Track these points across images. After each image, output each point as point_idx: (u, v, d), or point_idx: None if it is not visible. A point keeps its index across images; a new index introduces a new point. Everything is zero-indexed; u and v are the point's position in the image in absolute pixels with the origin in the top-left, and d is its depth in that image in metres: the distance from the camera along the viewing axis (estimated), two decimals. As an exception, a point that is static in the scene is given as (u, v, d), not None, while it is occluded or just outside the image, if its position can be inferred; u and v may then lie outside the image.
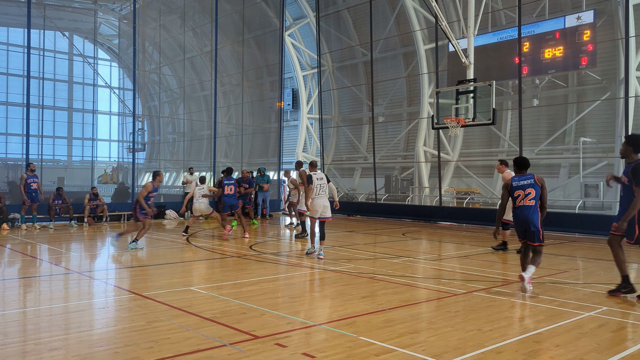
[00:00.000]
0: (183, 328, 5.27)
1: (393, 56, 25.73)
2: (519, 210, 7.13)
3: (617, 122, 17.77)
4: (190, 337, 4.99)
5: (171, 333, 5.10)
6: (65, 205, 16.44)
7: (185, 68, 31.14)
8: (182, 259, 10.21)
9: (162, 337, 4.98)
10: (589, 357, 4.53)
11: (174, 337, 4.96)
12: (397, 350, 4.63)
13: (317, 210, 10.14)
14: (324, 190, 10.19)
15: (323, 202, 10.13)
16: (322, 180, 10.23)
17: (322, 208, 10.12)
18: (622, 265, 6.88)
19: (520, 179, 7.20)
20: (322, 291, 7.34)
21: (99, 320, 5.82)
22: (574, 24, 18.00)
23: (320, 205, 10.11)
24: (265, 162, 26.25)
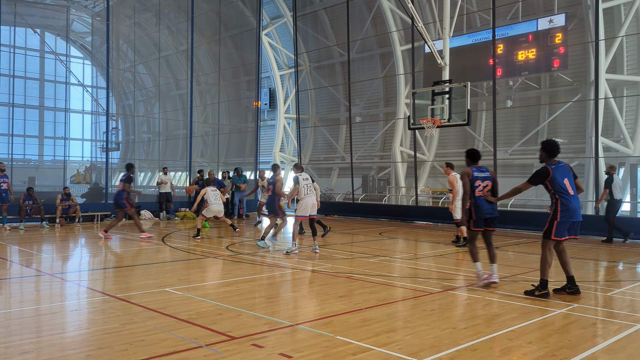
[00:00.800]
0: (158, 330, 5.21)
1: (370, 57, 25.86)
2: (480, 199, 7.46)
3: (587, 124, 18.17)
4: (166, 338, 4.93)
5: (146, 335, 5.03)
6: (36, 206, 16.10)
7: (161, 66, 30.79)
8: (157, 259, 10.09)
9: (136, 339, 4.91)
10: (560, 354, 4.62)
11: (148, 339, 4.90)
12: (373, 349, 4.66)
13: (307, 209, 10.67)
14: (310, 189, 10.78)
15: (312, 201, 10.71)
16: (307, 180, 10.84)
17: (310, 207, 10.69)
18: (546, 269, 6.93)
19: (479, 171, 7.63)
20: (300, 291, 7.34)
21: (72, 322, 5.71)
22: (546, 26, 18.36)
23: (309, 204, 10.66)
24: (242, 162, 26.11)
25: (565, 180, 6.83)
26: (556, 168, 6.87)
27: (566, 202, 6.76)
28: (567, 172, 6.93)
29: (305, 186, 10.69)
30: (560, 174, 6.84)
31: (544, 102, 20.52)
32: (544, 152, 7.05)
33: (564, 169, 6.92)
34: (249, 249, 11.56)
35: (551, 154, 7.00)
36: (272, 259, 10.15)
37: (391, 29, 23.14)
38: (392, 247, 12.22)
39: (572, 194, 6.83)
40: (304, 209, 10.64)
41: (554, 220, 6.79)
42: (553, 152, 6.99)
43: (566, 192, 6.78)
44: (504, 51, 19.38)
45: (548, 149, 7.02)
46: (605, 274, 9.12)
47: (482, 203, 7.40)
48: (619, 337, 5.14)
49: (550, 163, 6.95)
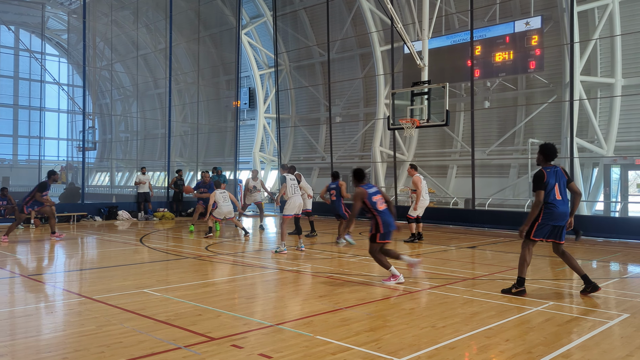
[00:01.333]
0: (136, 331, 5.15)
1: (350, 57, 25.93)
2: (382, 214, 8.08)
3: (563, 124, 18.51)
4: (144, 340, 4.88)
5: (123, 337, 4.97)
6: (10, 207, 15.79)
7: (139, 65, 30.44)
8: (135, 260, 9.98)
9: (113, 341, 4.85)
10: (536, 351, 4.70)
11: (126, 341, 4.84)
12: (353, 349, 4.68)
13: (294, 208, 10.93)
14: (297, 189, 11.07)
15: (299, 200, 10.98)
16: (294, 180, 11.14)
17: (297, 206, 10.94)
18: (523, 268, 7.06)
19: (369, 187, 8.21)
20: (280, 291, 7.33)
21: (47, 325, 5.61)
22: (523, 29, 18.64)
23: (297, 203, 10.93)
24: (221, 162, 25.97)
25: (556, 186, 6.94)
26: (550, 172, 6.98)
27: (552, 206, 6.87)
28: (560, 176, 7.03)
29: (292, 186, 10.91)
30: (552, 178, 6.95)
31: (520, 103, 20.83)
32: (542, 155, 7.15)
33: (558, 174, 7.03)
34: (229, 250, 11.50)
35: (548, 158, 7.09)
36: (252, 259, 10.11)
37: (371, 30, 23.24)
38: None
39: (560, 199, 6.91)
40: (291, 208, 10.88)
41: (535, 221, 6.92)
42: (550, 156, 7.09)
43: (554, 197, 6.89)
44: (482, 53, 19.62)
45: (546, 152, 7.11)
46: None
47: (387, 217, 7.77)
48: (593, 334, 5.25)
49: (545, 167, 7.06)
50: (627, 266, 9.81)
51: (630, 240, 13.39)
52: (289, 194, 10.86)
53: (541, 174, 6.95)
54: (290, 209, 10.90)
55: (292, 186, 10.94)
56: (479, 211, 17.84)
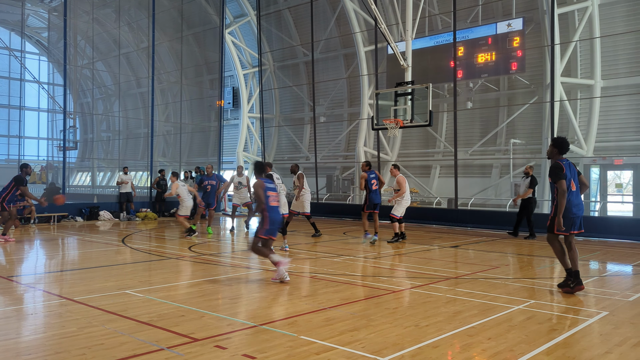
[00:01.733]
0: (118, 333, 5.10)
1: (334, 57, 25.96)
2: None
3: (544, 125, 18.74)
4: (126, 342, 4.83)
5: (105, 339, 4.92)
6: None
7: (121, 64, 30.10)
8: (117, 261, 9.88)
9: (95, 343, 4.80)
10: (518, 348, 4.76)
11: (108, 343, 4.79)
12: (337, 348, 4.69)
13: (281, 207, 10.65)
14: (281, 188, 11.19)
15: (283, 199, 11.08)
16: (279, 179, 11.31)
17: (283, 205, 10.98)
18: (563, 259, 7.28)
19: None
20: (263, 291, 7.31)
21: (27, 327, 5.52)
22: (505, 30, 18.83)
23: (282, 203, 10.83)
24: (204, 162, 25.79)
25: (570, 177, 7.09)
26: (566, 164, 7.11)
27: (574, 197, 7.04)
28: (573, 169, 7.21)
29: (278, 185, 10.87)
30: (568, 170, 7.08)
31: (502, 104, 21.05)
32: (555, 148, 7.23)
33: (571, 167, 7.20)
34: (212, 250, 11.44)
35: (561, 151, 7.21)
36: (237, 259, 10.07)
37: (355, 30, 23.29)
38: (356, 247, 12.31)
39: (574, 191, 7.09)
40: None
41: (555, 217, 7.06)
42: (563, 148, 7.20)
43: (569, 189, 7.04)
44: (465, 54, 19.78)
45: (559, 145, 7.21)
46: (560, 271, 9.42)
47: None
48: (573, 332, 5.33)
49: (560, 159, 7.15)
50: (606, 265, 9.98)
51: (609, 239, 13.61)
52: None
53: (559, 165, 7.04)
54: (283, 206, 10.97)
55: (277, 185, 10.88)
56: (461, 211, 17.99)
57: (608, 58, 18.29)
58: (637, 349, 4.80)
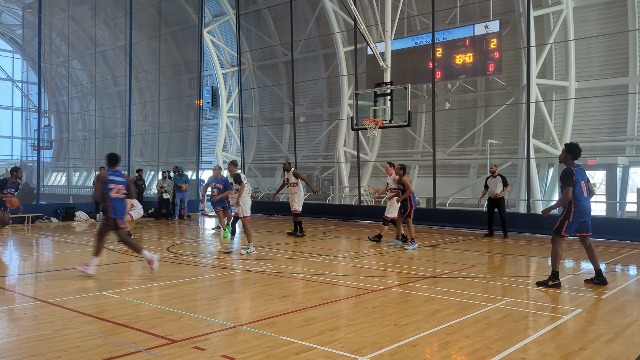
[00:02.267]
0: (94, 335, 5.02)
1: (313, 57, 25.97)
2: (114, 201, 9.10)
3: (520, 126, 19.02)
4: (102, 344, 4.77)
5: (81, 341, 4.85)
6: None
7: (97, 62, 29.67)
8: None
9: (70, 345, 4.72)
10: (494, 346, 4.82)
11: (84, 345, 4.72)
12: (317, 348, 4.69)
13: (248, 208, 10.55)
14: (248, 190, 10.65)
15: (249, 202, 10.64)
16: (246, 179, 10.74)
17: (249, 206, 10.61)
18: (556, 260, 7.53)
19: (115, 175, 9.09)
20: (242, 292, 7.28)
21: (0, 330, 5.41)
22: (482, 32, 19.06)
23: (249, 203, 10.60)
24: (183, 162, 25.59)
25: (582, 183, 7.29)
26: (578, 170, 7.28)
27: (579, 203, 7.25)
28: (584, 174, 7.39)
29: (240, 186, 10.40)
30: (579, 176, 7.27)
31: (480, 104, 21.31)
32: (569, 154, 7.39)
33: (582, 172, 7.39)
34: (191, 250, 11.35)
35: (574, 157, 7.37)
36: (216, 260, 10.00)
37: (334, 30, 23.34)
38: (336, 247, 12.34)
39: (586, 196, 7.32)
40: (247, 209, 10.45)
41: (565, 220, 7.30)
42: (576, 154, 7.36)
43: (581, 194, 7.24)
44: (443, 55, 19.97)
45: (572, 151, 7.38)
46: (536, 269, 9.59)
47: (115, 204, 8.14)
48: (548, 329, 5.42)
49: (572, 165, 7.32)
50: (580, 263, 10.17)
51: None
52: (244, 193, 10.31)
53: (571, 171, 7.21)
54: (246, 209, 10.37)
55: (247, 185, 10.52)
56: (439, 210, 18.16)
57: (582, 60, 18.66)
58: (610, 345, 4.91)
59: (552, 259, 7.51)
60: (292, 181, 13.59)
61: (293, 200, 13.70)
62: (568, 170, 7.26)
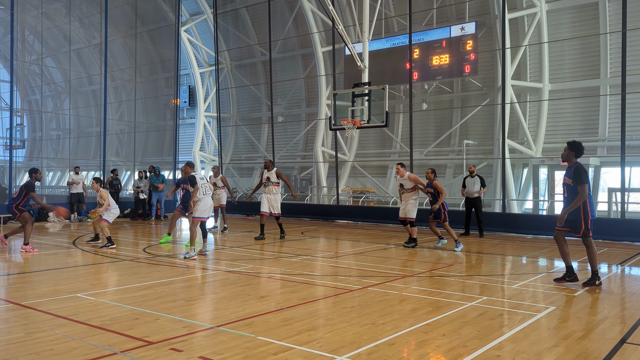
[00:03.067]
0: (68, 338, 4.94)
1: (292, 57, 25.95)
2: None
3: (495, 126, 19.30)
4: (77, 347, 4.69)
5: (55, 344, 4.77)
6: None
7: (71, 60, 29.16)
8: (68, 264, 9.57)
9: (44, 348, 4.64)
10: (471, 344, 4.89)
11: (58, 348, 4.65)
12: (295, 348, 4.70)
13: (208, 209, 10.38)
14: (207, 189, 10.38)
15: (210, 201, 10.43)
16: (203, 180, 10.36)
17: (209, 207, 10.41)
18: (566, 257, 7.62)
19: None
20: (220, 293, 7.24)
21: (-30, 334, 5.29)
22: (459, 33, 19.30)
23: (209, 204, 10.38)
24: (159, 162, 25.32)
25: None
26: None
27: (591, 199, 7.28)
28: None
29: (202, 186, 10.22)
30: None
31: (456, 105, 21.56)
32: (572, 151, 7.40)
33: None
34: (167, 251, 11.24)
35: (578, 154, 7.39)
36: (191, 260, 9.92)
37: (312, 30, 23.35)
38: (314, 246, 12.35)
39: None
40: (206, 209, 10.30)
41: (587, 219, 7.27)
42: (580, 152, 7.38)
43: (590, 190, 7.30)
44: (420, 56, 20.15)
45: (577, 149, 7.38)
46: (510, 268, 9.74)
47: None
48: (522, 327, 5.52)
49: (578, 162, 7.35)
50: (553, 261, 10.36)
51: (557, 237, 14.14)
52: (200, 195, 10.14)
53: (584, 168, 7.21)
54: (204, 210, 10.23)
55: (202, 186, 10.22)
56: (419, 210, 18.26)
57: (555, 63, 19.02)
58: (582, 342, 5.02)
59: (591, 261, 7.47)
60: (273, 180, 12.92)
61: (272, 201, 12.96)
62: (582, 167, 7.17)
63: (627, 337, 5.21)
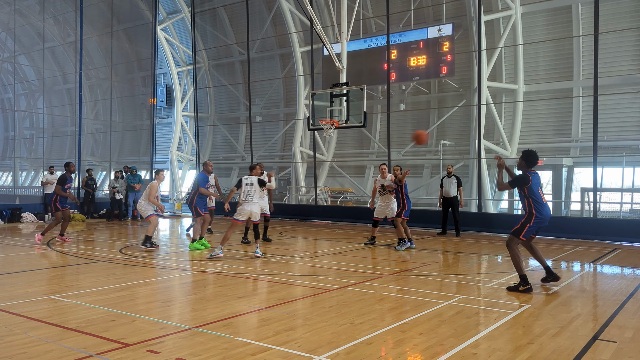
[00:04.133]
0: (42, 340, 4.86)
1: (270, 57, 25.89)
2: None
3: (471, 127, 19.55)
4: (51, 349, 4.62)
5: (28, 347, 4.68)
6: None
7: (46, 58, 28.63)
8: (42, 265, 9.40)
9: (17, 352, 4.55)
10: (447, 342, 4.95)
11: (31, 351, 4.56)
12: (273, 349, 4.69)
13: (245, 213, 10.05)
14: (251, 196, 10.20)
15: (250, 207, 10.12)
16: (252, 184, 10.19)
17: (248, 212, 10.09)
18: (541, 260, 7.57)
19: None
20: (198, 293, 7.19)
21: (-60, 338, 5.16)
22: (436, 35, 19.49)
23: (248, 208, 10.09)
24: (136, 161, 25.01)
25: (540, 190, 7.30)
26: (534, 177, 7.25)
27: (540, 209, 7.21)
28: (540, 182, 7.35)
29: (248, 190, 10.06)
30: (535, 183, 7.23)
31: (433, 106, 21.77)
32: (524, 161, 7.32)
33: (539, 179, 7.35)
34: (144, 252, 11.11)
35: (530, 164, 7.30)
36: (169, 261, 9.83)
37: (290, 30, 23.33)
38: (292, 246, 12.34)
39: (544, 203, 7.29)
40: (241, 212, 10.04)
41: (526, 224, 7.25)
42: (532, 162, 7.29)
43: (540, 200, 7.21)
44: (397, 57, 20.29)
45: (528, 159, 7.28)
46: (487, 267, 9.88)
47: None
48: (498, 324, 5.61)
49: (529, 172, 7.30)
50: (528, 260, 10.54)
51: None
52: (243, 198, 10.01)
53: (527, 178, 7.19)
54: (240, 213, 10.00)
55: (247, 191, 10.09)
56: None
57: (530, 64, 19.35)
58: (556, 339, 5.13)
59: (514, 265, 7.38)
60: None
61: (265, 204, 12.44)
62: (524, 177, 7.23)
63: (599, 333, 5.34)
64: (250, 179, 10.22)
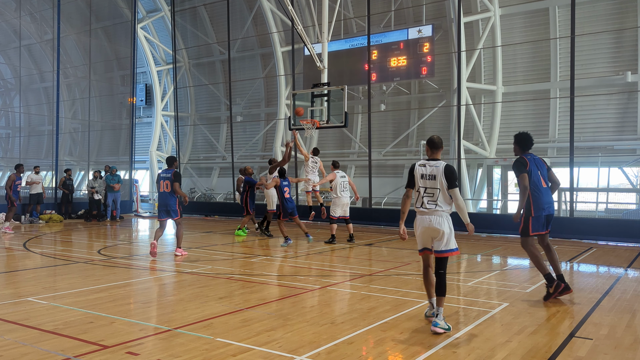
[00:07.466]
0: (19, 343, 4.78)
1: (251, 56, 25.79)
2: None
3: (451, 128, 19.74)
4: (28, 352, 4.55)
5: (4, 350, 4.60)
6: None
7: (22, 56, 28.09)
8: (17, 267, 9.23)
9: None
10: (427, 341, 5.00)
11: (7, 355, 4.48)
12: (254, 349, 4.69)
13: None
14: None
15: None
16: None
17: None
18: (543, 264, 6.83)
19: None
20: (178, 294, 7.14)
21: None
22: (416, 36, 19.61)
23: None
24: (115, 161, 24.70)
25: (539, 172, 6.67)
26: (531, 159, 6.69)
27: (538, 195, 6.60)
28: (541, 164, 6.76)
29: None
30: (534, 165, 6.66)
31: (413, 106, 21.92)
32: (517, 145, 6.81)
33: (538, 161, 6.76)
34: (123, 253, 11.00)
35: (524, 147, 6.76)
36: (148, 262, 9.74)
37: (272, 30, 23.27)
38: (274, 247, 12.32)
39: (545, 187, 6.67)
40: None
41: (529, 217, 6.63)
42: (526, 144, 6.76)
43: (539, 185, 6.61)
44: (378, 57, 20.38)
45: (521, 142, 6.78)
46: (466, 266, 9.99)
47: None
48: (477, 323, 5.68)
49: (524, 155, 6.73)
50: (507, 259, 10.69)
51: (510, 235, 14.59)
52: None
53: (524, 161, 6.62)
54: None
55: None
56: (375, 209, 18.53)
57: (508, 66, 19.59)
58: (534, 336, 5.21)
59: (535, 265, 6.79)
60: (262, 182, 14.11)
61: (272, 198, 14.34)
62: (520, 159, 6.65)
63: (576, 331, 5.44)
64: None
